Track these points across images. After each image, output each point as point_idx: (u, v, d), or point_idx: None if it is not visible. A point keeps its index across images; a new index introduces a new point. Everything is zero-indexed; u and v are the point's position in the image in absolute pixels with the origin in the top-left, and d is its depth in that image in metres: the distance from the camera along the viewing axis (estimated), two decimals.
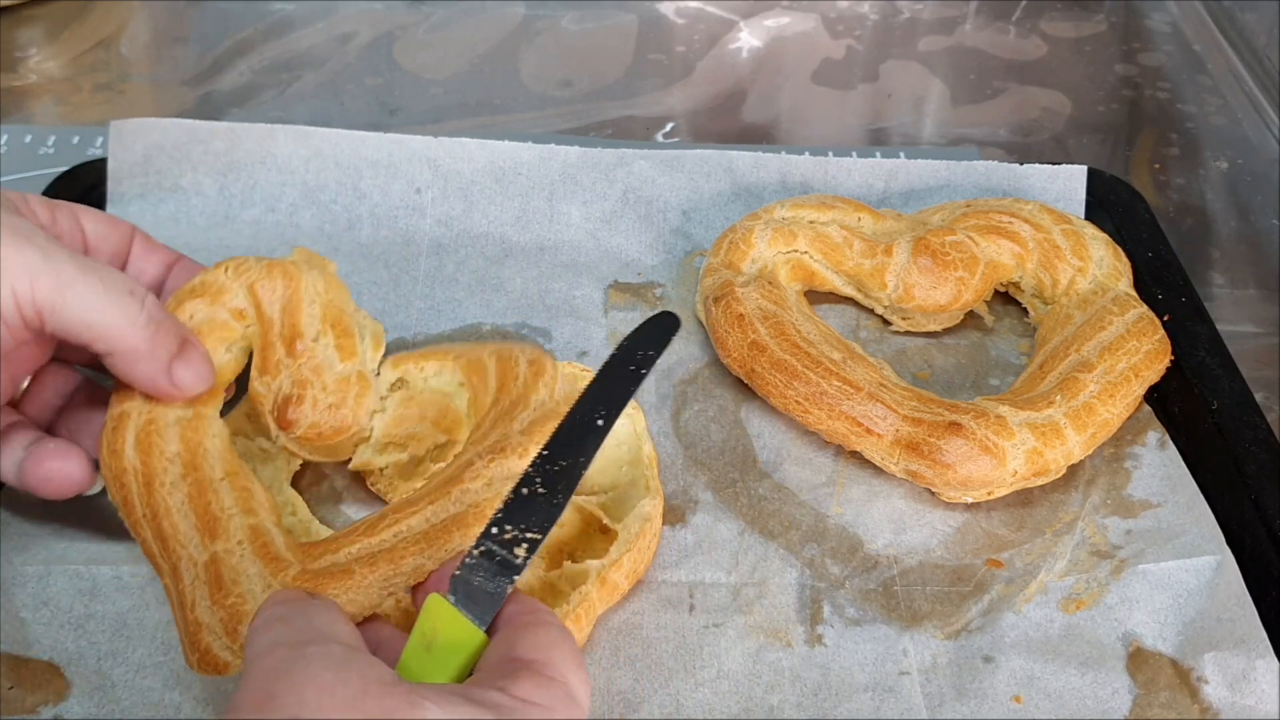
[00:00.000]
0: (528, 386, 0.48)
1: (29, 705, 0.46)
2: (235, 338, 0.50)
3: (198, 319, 0.49)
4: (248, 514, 0.45)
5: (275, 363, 0.49)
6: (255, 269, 0.50)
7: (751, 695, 0.48)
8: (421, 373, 0.51)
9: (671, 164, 0.71)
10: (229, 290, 0.50)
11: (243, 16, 0.95)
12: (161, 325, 0.46)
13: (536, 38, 0.95)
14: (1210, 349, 0.60)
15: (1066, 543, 0.54)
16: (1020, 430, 0.54)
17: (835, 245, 0.63)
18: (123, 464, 0.46)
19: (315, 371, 0.49)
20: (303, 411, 0.48)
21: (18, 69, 0.88)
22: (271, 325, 0.49)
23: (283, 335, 0.49)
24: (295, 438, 0.49)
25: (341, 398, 0.48)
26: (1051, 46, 0.96)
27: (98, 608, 0.50)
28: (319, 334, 0.50)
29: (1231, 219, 0.79)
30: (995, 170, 0.71)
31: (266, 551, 0.44)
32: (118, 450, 0.46)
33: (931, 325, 0.64)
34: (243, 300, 0.50)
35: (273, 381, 0.49)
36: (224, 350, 0.50)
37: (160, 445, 0.46)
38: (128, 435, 0.46)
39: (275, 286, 0.50)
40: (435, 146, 0.70)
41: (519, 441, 0.45)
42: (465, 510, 0.44)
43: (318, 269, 0.51)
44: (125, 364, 0.45)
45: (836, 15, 0.99)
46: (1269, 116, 0.88)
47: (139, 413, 0.47)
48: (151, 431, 0.46)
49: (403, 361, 0.51)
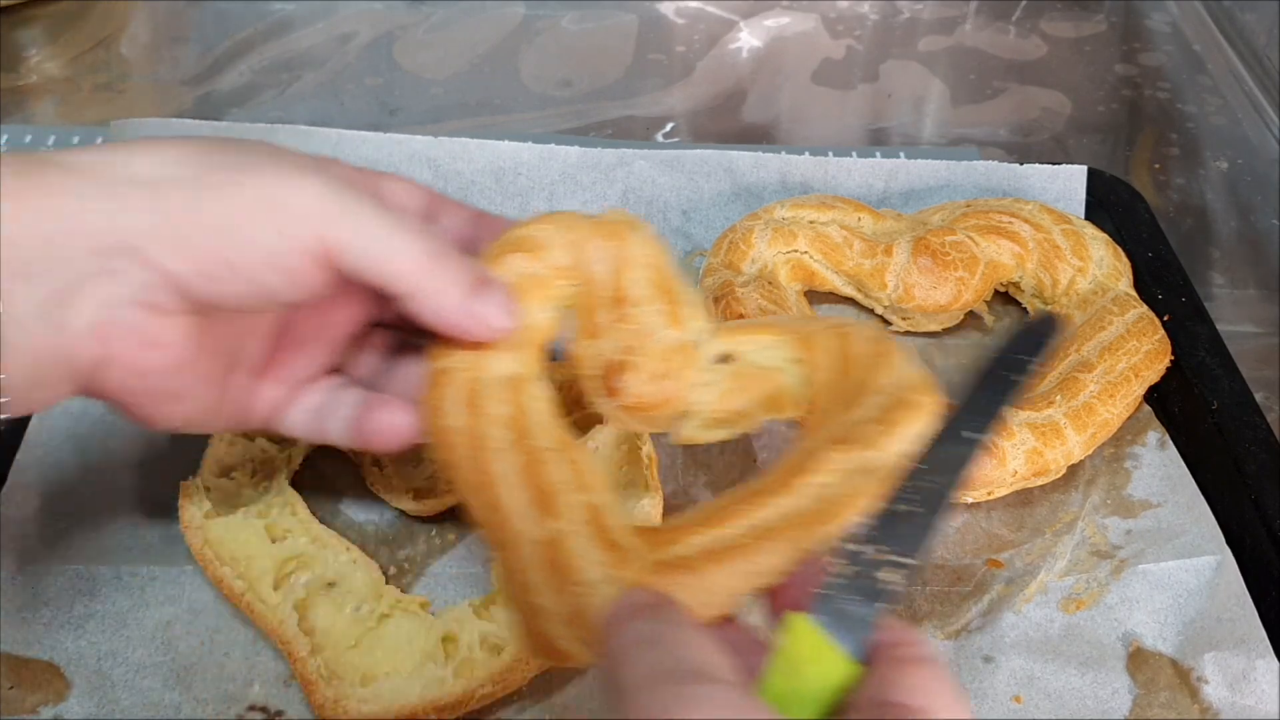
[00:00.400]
0: (872, 369, 0.43)
1: (29, 705, 0.46)
2: (555, 297, 0.46)
3: (519, 272, 0.45)
4: (582, 490, 0.41)
5: (600, 326, 0.45)
6: (581, 225, 0.46)
7: None
8: (749, 346, 0.46)
9: (671, 164, 0.71)
10: (552, 246, 0.46)
11: (243, 16, 0.95)
12: (455, 259, 0.43)
13: (536, 38, 0.95)
14: (1210, 349, 0.60)
15: (1066, 543, 0.54)
16: (1020, 430, 0.54)
17: (835, 245, 0.63)
18: (446, 422, 0.42)
19: (642, 338, 0.45)
20: (630, 379, 0.44)
21: (18, 69, 0.88)
22: (597, 286, 0.46)
23: (609, 298, 0.45)
24: (619, 406, 0.45)
25: (668, 367, 0.45)
26: (1051, 46, 0.96)
27: (98, 608, 0.50)
28: (646, 299, 0.46)
29: (1231, 219, 0.79)
30: (995, 170, 0.71)
31: (606, 536, 0.40)
32: (440, 408, 0.42)
33: (931, 325, 0.64)
34: (566, 258, 0.46)
35: (597, 345, 0.45)
36: (543, 309, 0.46)
37: (486, 406, 0.42)
38: (451, 392, 0.43)
39: (601, 245, 0.46)
40: (435, 146, 0.70)
41: (872, 432, 0.40)
42: (820, 506, 0.39)
43: (641, 232, 0.47)
44: (422, 302, 0.42)
45: (836, 15, 0.99)
46: (1269, 116, 0.88)
47: (464, 368, 0.43)
48: (477, 390, 0.43)
49: (731, 334, 0.47)
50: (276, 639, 0.48)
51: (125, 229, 0.38)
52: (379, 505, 0.55)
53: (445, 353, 0.44)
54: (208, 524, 0.51)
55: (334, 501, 0.55)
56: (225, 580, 0.50)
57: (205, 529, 0.51)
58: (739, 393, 0.45)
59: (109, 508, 0.54)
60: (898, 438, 0.39)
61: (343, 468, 0.56)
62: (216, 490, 0.53)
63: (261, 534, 0.51)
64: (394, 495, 0.54)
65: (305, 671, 0.47)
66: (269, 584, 0.50)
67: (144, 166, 0.39)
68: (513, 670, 0.46)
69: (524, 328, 0.45)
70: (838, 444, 0.39)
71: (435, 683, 0.46)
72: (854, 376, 0.43)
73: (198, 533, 0.51)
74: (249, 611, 0.49)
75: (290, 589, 0.49)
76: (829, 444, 0.40)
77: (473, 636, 0.48)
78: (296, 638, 0.48)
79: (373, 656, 0.48)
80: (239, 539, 0.51)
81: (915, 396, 0.41)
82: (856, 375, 0.43)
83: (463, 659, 0.47)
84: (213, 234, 0.39)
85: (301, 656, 0.47)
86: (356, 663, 0.47)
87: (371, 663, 0.47)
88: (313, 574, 0.50)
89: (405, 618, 0.49)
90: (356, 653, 0.48)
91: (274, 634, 0.48)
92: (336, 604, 0.49)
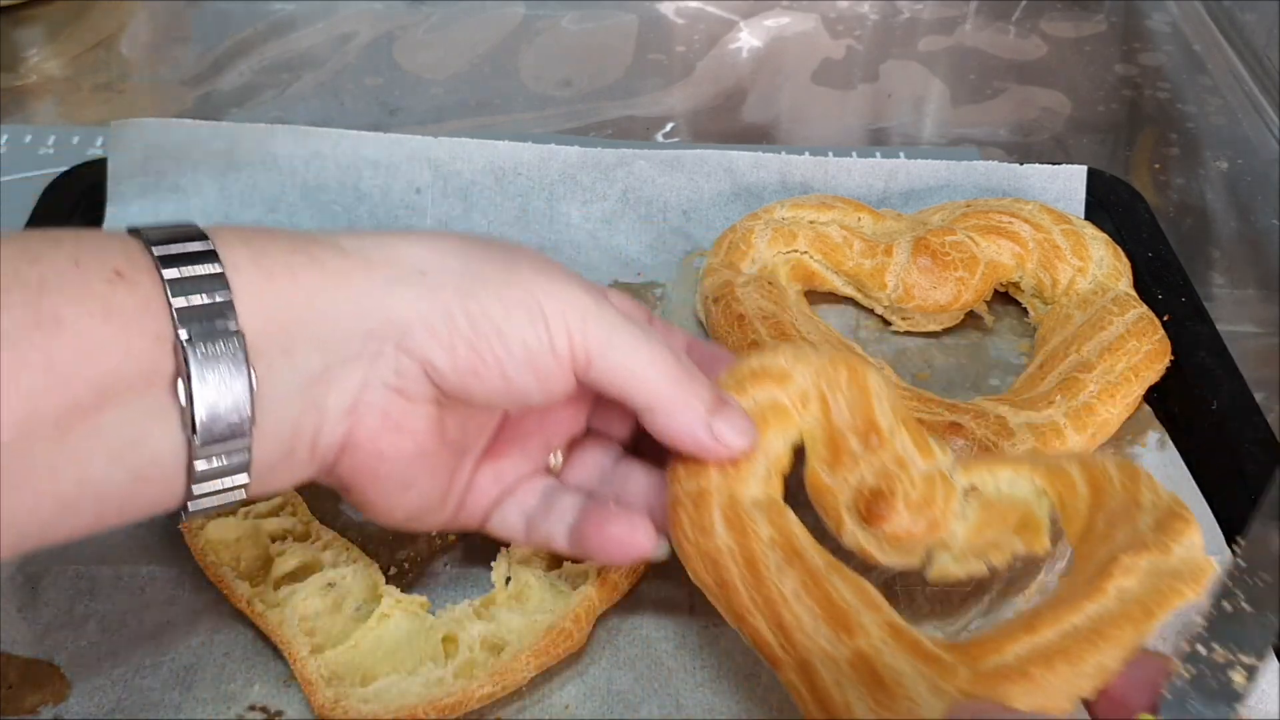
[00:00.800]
0: (1130, 490, 0.45)
1: (29, 705, 0.46)
2: (793, 428, 0.47)
3: (762, 401, 0.47)
4: (872, 608, 0.42)
5: (849, 454, 0.46)
6: (817, 358, 0.48)
7: (752, 695, 0.48)
8: (994, 480, 0.48)
9: (671, 164, 0.71)
10: (796, 376, 0.47)
11: (243, 16, 0.95)
12: (697, 379, 0.44)
13: (536, 38, 0.95)
14: (1210, 349, 0.60)
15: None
16: (1020, 430, 0.54)
17: (835, 245, 0.63)
18: (715, 543, 0.43)
19: (899, 465, 0.46)
20: (892, 506, 0.45)
21: (18, 69, 0.88)
22: (840, 416, 0.47)
23: (855, 427, 0.46)
24: (878, 535, 0.45)
25: (929, 496, 0.46)
26: (1051, 46, 0.96)
27: (98, 608, 0.50)
28: (893, 429, 0.47)
29: (1231, 219, 0.79)
30: (995, 170, 0.71)
31: (919, 649, 0.41)
32: (707, 529, 0.43)
33: (931, 325, 0.64)
34: (810, 388, 0.47)
35: (847, 475, 0.46)
36: (784, 438, 0.47)
37: (754, 527, 0.43)
38: (715, 513, 0.43)
39: (841, 376, 0.47)
40: (435, 147, 0.70)
41: (1156, 540, 0.42)
42: (1129, 609, 0.41)
43: (874, 366, 0.49)
44: (665, 417, 0.43)
45: (836, 15, 0.99)
46: (1269, 116, 0.88)
47: (719, 490, 0.44)
48: (739, 513, 0.44)
49: (973, 467, 0.48)
50: (277, 639, 0.48)
51: (395, 315, 0.39)
52: None
53: (695, 475, 0.44)
54: (208, 525, 0.51)
55: (334, 502, 0.55)
56: (226, 580, 0.49)
57: (205, 530, 0.51)
58: (992, 523, 0.46)
59: None
60: (1185, 545, 0.42)
61: None
62: None
63: (261, 534, 0.51)
64: None
65: (305, 672, 0.46)
66: (269, 585, 0.50)
67: (420, 255, 0.40)
68: (512, 670, 0.46)
69: (767, 456, 0.46)
70: (1133, 551, 0.42)
71: (435, 682, 0.46)
72: (1116, 499, 0.45)
73: (198, 534, 0.51)
74: (249, 611, 0.49)
75: (290, 590, 0.49)
76: (1124, 552, 0.42)
77: (473, 636, 0.47)
78: (296, 638, 0.47)
79: (373, 657, 0.48)
80: (238, 539, 0.51)
81: (1183, 510, 0.44)
82: (1118, 498, 0.45)
83: (463, 659, 0.47)
84: (478, 326, 0.40)
85: (302, 657, 0.47)
86: (357, 663, 0.47)
87: (372, 663, 0.47)
88: (313, 575, 0.50)
89: (405, 618, 0.49)
90: (357, 653, 0.48)
91: (274, 634, 0.48)
92: (336, 604, 0.49)
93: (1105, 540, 0.44)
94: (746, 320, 0.58)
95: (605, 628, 0.50)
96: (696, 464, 0.44)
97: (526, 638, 0.47)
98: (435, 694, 0.45)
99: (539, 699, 0.48)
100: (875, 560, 0.46)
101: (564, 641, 0.47)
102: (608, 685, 0.48)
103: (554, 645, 0.47)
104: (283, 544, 0.51)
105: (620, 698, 0.48)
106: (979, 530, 0.46)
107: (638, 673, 0.48)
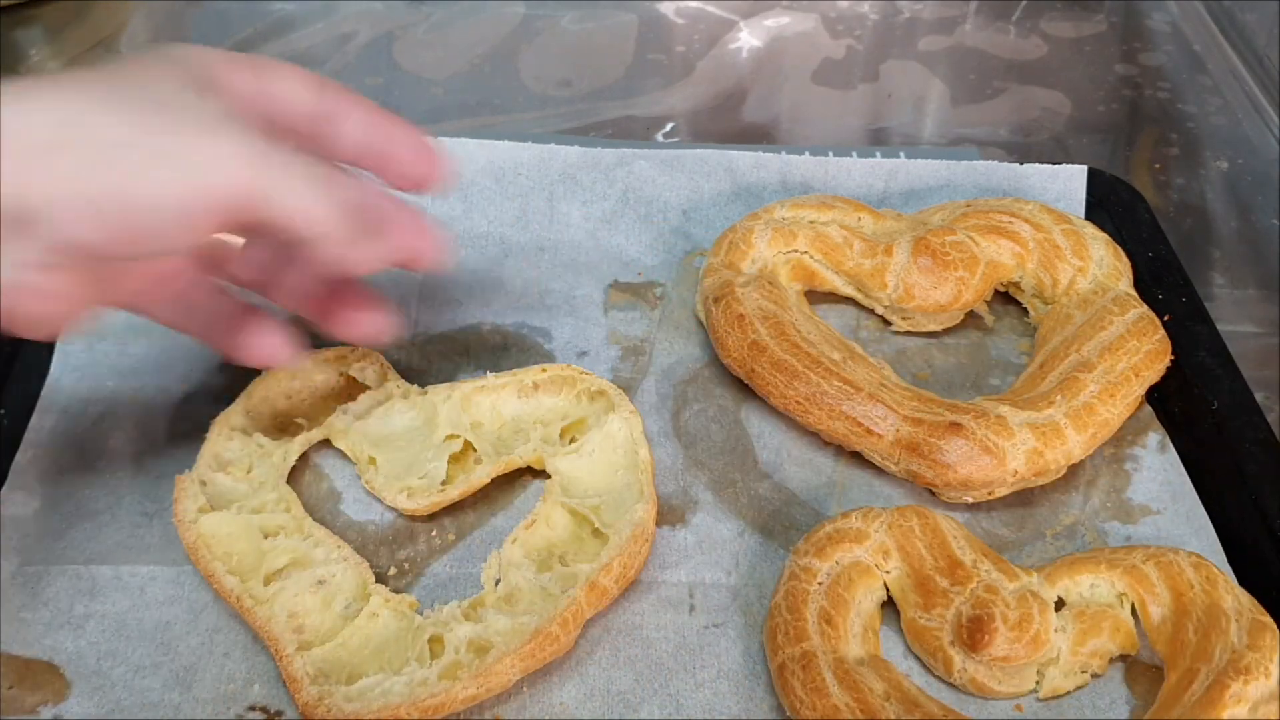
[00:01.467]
0: (1210, 594, 0.47)
1: (29, 705, 0.46)
2: (877, 585, 0.50)
3: (845, 563, 0.49)
4: None
5: (940, 593, 0.48)
6: (884, 513, 0.51)
7: (752, 695, 0.48)
8: (1077, 587, 0.49)
9: (671, 164, 0.71)
10: (868, 534, 0.50)
11: (243, 16, 0.95)
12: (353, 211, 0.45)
13: (536, 38, 0.95)
14: (1210, 349, 0.60)
15: (1067, 548, 0.54)
16: (1020, 430, 0.54)
17: (835, 245, 0.63)
18: (831, 702, 0.44)
19: (990, 591, 0.48)
20: (993, 629, 0.47)
21: (18, 69, 0.88)
22: (922, 560, 0.49)
23: (939, 567, 0.49)
24: (984, 662, 0.47)
25: (1026, 614, 0.47)
26: (1051, 46, 0.96)
27: (97, 608, 0.50)
28: (976, 560, 0.49)
29: (1232, 219, 0.79)
30: (995, 170, 0.71)
31: None
32: (820, 689, 0.45)
33: (931, 325, 0.64)
34: (883, 540, 0.50)
35: (943, 612, 0.48)
36: (872, 595, 0.50)
37: (865, 683, 0.45)
38: (825, 673, 0.45)
39: (912, 523, 0.50)
40: None
41: (1257, 662, 0.44)
42: None
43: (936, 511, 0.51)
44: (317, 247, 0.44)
45: (836, 15, 0.99)
46: (1269, 116, 0.88)
47: (823, 652, 0.46)
48: (847, 670, 0.46)
49: (1055, 579, 0.49)
50: (264, 635, 0.48)
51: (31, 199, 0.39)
52: (378, 505, 0.55)
53: (795, 639, 0.47)
54: (201, 519, 0.51)
55: (334, 501, 0.55)
56: (216, 575, 0.49)
57: (199, 524, 0.51)
58: (1090, 634, 0.48)
59: (109, 508, 0.54)
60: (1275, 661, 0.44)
61: (341, 466, 0.56)
62: (211, 485, 0.53)
63: (254, 530, 0.51)
64: (389, 493, 0.54)
65: (290, 669, 0.46)
66: (259, 580, 0.50)
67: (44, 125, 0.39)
68: (496, 672, 0.46)
69: (860, 615, 0.49)
70: (1236, 676, 0.44)
71: (420, 683, 0.46)
72: (1199, 604, 0.47)
73: (191, 528, 0.51)
74: (238, 607, 0.49)
75: (280, 586, 0.49)
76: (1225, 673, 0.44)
77: (459, 638, 0.47)
78: (284, 635, 0.48)
79: (360, 655, 0.48)
80: (231, 534, 0.51)
81: (1263, 617, 0.46)
82: (1201, 602, 0.47)
83: (448, 660, 0.47)
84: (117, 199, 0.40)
85: (288, 654, 0.47)
86: (344, 660, 0.47)
87: (359, 661, 0.48)
88: (303, 571, 0.50)
89: (393, 617, 0.49)
90: (344, 650, 0.48)
91: (261, 630, 0.48)
92: (326, 601, 0.49)
93: (1200, 655, 0.45)
94: (747, 320, 0.58)
95: (605, 628, 0.50)
96: (795, 627, 0.47)
97: (513, 640, 0.46)
98: (419, 694, 0.45)
99: (538, 699, 0.48)
100: (990, 691, 0.48)
101: (550, 645, 0.47)
102: (607, 685, 0.48)
103: (540, 649, 0.47)
104: (274, 540, 0.51)
105: (620, 698, 0.48)
106: (1080, 641, 0.48)
107: (637, 673, 0.48)
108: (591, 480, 0.54)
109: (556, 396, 0.57)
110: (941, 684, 0.49)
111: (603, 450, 0.54)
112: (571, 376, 0.57)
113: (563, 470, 0.54)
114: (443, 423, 0.56)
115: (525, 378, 0.57)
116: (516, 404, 0.57)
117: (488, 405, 0.57)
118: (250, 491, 0.53)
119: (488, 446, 0.55)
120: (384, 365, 0.59)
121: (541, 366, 0.58)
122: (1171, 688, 0.46)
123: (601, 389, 0.56)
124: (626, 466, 0.54)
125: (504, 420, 0.57)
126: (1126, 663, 0.49)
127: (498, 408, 0.57)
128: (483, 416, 0.57)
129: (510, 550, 0.51)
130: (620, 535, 0.50)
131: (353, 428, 0.56)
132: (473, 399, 0.57)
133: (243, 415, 0.56)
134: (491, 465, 0.54)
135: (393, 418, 0.57)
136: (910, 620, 0.49)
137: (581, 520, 0.52)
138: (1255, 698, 0.44)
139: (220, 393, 0.59)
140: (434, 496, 0.53)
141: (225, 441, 0.55)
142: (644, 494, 0.52)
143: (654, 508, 0.52)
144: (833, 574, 0.49)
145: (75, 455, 0.56)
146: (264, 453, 0.55)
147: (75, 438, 0.57)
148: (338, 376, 0.59)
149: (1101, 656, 0.48)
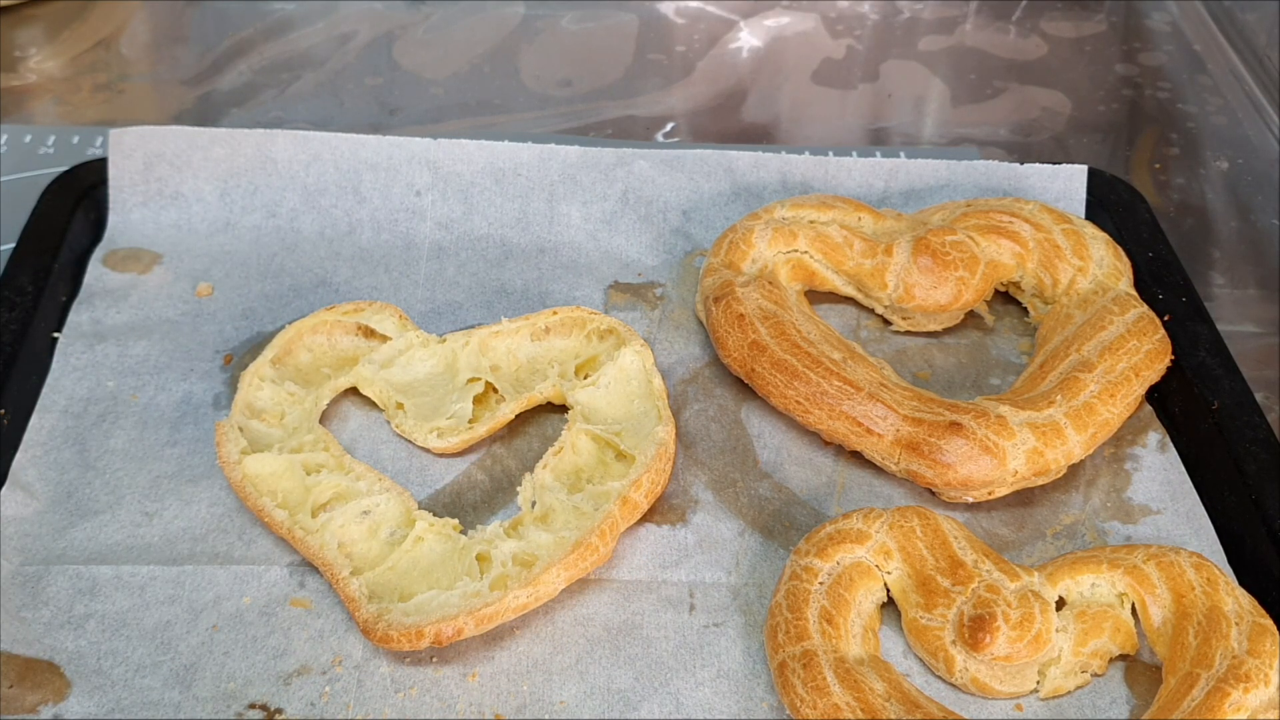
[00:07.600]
0: (1210, 596, 0.47)
1: (29, 705, 0.47)
2: (878, 586, 0.50)
3: (846, 564, 0.49)
4: None
5: (942, 593, 0.48)
6: (885, 513, 0.51)
7: (751, 695, 0.48)
8: (1079, 587, 0.50)
9: (671, 164, 0.71)
10: (869, 535, 0.50)
11: (243, 16, 0.95)
12: None
13: (536, 38, 0.95)
14: (1210, 349, 0.60)
15: (1067, 548, 0.54)
16: (1021, 430, 0.54)
17: (835, 245, 0.63)
18: (833, 700, 0.45)
19: (992, 591, 0.48)
20: (995, 628, 0.47)
21: (18, 69, 0.88)
22: (923, 560, 0.49)
23: (940, 568, 0.49)
24: (988, 660, 0.47)
25: (1028, 613, 0.47)
26: (1051, 46, 0.96)
27: (97, 607, 0.50)
28: (977, 560, 0.49)
29: (1231, 219, 0.79)
30: (995, 170, 0.71)
31: None
32: (822, 687, 0.45)
33: (932, 325, 0.64)
34: (884, 540, 0.50)
35: (945, 612, 0.48)
36: (871, 596, 0.50)
37: (866, 682, 0.45)
38: (827, 672, 0.46)
39: (913, 523, 0.50)
40: (434, 148, 0.70)
41: (1256, 668, 0.44)
42: None
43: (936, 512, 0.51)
44: None
45: (836, 15, 0.99)
46: (1269, 116, 0.88)
47: (824, 651, 0.46)
48: (848, 669, 0.46)
49: (1056, 578, 0.49)
50: (318, 562, 0.50)
51: None
52: (407, 446, 0.57)
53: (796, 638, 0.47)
54: (245, 460, 0.53)
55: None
56: (266, 510, 0.52)
57: (243, 464, 0.53)
58: (1091, 633, 0.48)
59: (109, 508, 0.54)
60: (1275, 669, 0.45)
61: (369, 412, 0.59)
62: (248, 431, 0.55)
63: (296, 468, 0.54)
64: (419, 434, 0.56)
65: (348, 590, 0.49)
66: (307, 513, 0.52)
67: None
68: (545, 581, 0.48)
69: (860, 615, 0.49)
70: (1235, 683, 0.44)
71: (473, 595, 0.48)
72: (1200, 606, 0.47)
73: (236, 468, 0.53)
74: (289, 538, 0.51)
75: (328, 516, 0.52)
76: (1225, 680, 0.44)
77: (505, 553, 0.50)
78: (337, 559, 0.50)
79: (409, 577, 0.50)
80: (275, 473, 0.53)
81: (1263, 620, 0.46)
82: (1202, 604, 0.47)
83: (497, 574, 0.49)
84: None
85: (343, 577, 0.49)
86: (394, 583, 0.50)
87: (408, 583, 0.50)
88: (347, 504, 0.52)
89: (439, 540, 0.51)
90: (393, 574, 0.50)
91: (315, 558, 0.50)
92: (372, 530, 0.52)
93: (1201, 659, 0.46)
94: (747, 320, 0.58)
95: (605, 627, 0.50)
96: (796, 626, 0.47)
97: (556, 552, 0.49)
98: (474, 604, 0.48)
99: (539, 697, 0.48)
100: (992, 690, 0.48)
101: (590, 555, 0.50)
102: (608, 684, 0.48)
103: (581, 559, 0.49)
104: (317, 476, 0.54)
105: (620, 696, 0.48)
106: (1084, 639, 0.48)
107: (638, 671, 0.49)
108: (610, 410, 0.56)
109: (568, 338, 0.60)
110: (941, 685, 0.49)
111: (618, 382, 0.57)
112: (581, 317, 0.60)
113: (583, 401, 0.57)
114: (463, 367, 0.59)
115: (538, 321, 0.60)
116: (531, 347, 0.60)
117: (504, 349, 0.60)
118: (286, 435, 0.56)
119: (508, 386, 0.58)
120: (401, 315, 0.61)
121: (552, 310, 0.61)
122: (1171, 692, 0.46)
123: (611, 327, 0.60)
124: (642, 395, 0.57)
125: (520, 362, 0.60)
126: (1126, 663, 0.49)
127: (513, 351, 0.60)
128: (500, 360, 0.60)
129: (541, 475, 0.53)
130: (646, 454, 0.53)
131: (378, 375, 0.58)
132: (489, 344, 0.60)
133: (270, 366, 0.58)
134: (515, 402, 0.57)
135: (414, 365, 0.59)
136: (911, 620, 0.49)
137: (604, 445, 0.55)
138: (1255, 705, 0.44)
139: (220, 393, 0.59)
140: (463, 434, 0.56)
141: (256, 391, 0.57)
142: (662, 417, 0.54)
143: (674, 428, 0.54)
144: (834, 574, 0.49)
145: (75, 455, 0.56)
146: (295, 400, 0.57)
147: (75, 438, 0.57)
148: (356, 329, 0.61)
149: (1102, 656, 0.48)
